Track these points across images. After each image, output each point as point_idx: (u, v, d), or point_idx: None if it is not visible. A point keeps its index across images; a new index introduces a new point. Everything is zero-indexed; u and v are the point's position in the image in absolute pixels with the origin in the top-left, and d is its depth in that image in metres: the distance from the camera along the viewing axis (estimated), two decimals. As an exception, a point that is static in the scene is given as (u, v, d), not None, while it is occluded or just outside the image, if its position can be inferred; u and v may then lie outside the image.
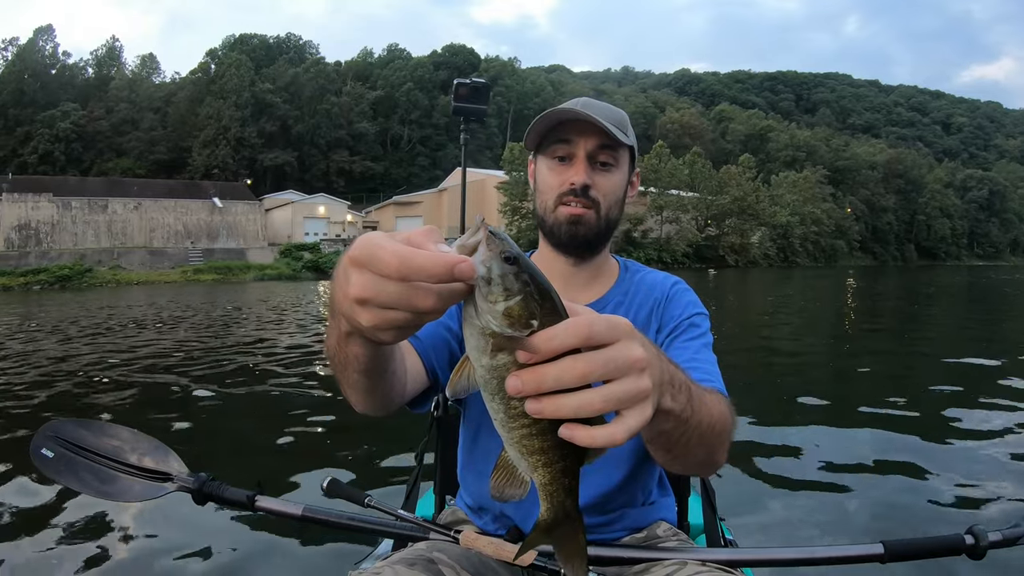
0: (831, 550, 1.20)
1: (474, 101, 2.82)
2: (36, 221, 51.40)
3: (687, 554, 1.21)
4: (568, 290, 1.46)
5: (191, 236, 56.95)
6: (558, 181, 1.42)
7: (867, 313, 18.30)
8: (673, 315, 1.44)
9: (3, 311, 22.59)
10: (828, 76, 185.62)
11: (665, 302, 1.47)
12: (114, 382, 8.31)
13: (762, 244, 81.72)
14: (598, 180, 1.41)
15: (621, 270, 1.57)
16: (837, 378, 9.01)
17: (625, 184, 1.48)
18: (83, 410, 6.87)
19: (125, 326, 16.38)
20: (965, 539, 1.18)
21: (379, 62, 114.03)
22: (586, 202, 1.41)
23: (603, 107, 1.41)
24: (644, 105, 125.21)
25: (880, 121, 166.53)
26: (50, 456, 1.42)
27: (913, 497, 4.19)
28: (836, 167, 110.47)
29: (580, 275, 1.50)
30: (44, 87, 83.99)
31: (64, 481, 1.42)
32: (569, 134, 1.40)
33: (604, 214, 1.44)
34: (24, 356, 10.98)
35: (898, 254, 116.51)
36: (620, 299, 1.49)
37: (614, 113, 1.42)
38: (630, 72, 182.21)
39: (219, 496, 1.40)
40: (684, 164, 76.90)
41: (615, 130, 1.37)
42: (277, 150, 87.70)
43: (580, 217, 1.41)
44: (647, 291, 1.49)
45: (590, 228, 1.43)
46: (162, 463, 1.44)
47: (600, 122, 1.34)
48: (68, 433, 1.45)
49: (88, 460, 1.43)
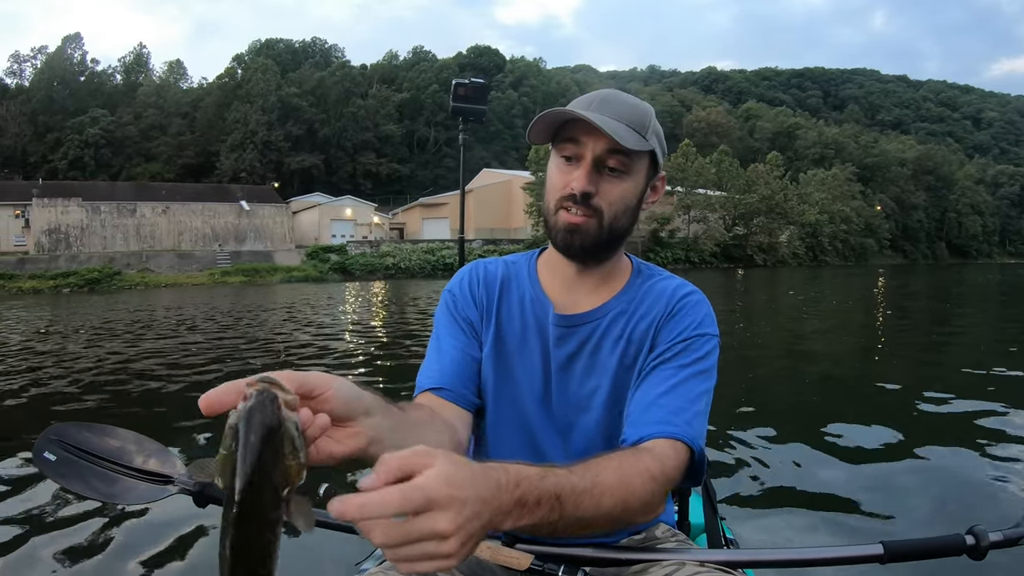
0: (830, 551, 1.19)
1: (473, 101, 2.87)
2: (66, 225, 51.96)
3: (686, 555, 1.20)
4: (572, 295, 1.39)
5: (219, 239, 57.27)
6: (561, 183, 1.30)
7: (897, 313, 17.81)
8: (671, 334, 1.32)
9: (32, 313, 22.68)
10: (856, 72, 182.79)
11: (666, 317, 1.34)
12: (122, 383, 8.25)
13: (791, 243, 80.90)
14: (604, 187, 1.28)
15: (633, 274, 1.44)
16: (853, 378, 8.75)
17: (639, 191, 1.33)
18: (89, 411, 6.82)
19: (149, 326, 16.41)
20: (966, 539, 1.16)
21: (404, 64, 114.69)
22: (586, 210, 1.28)
23: (624, 103, 1.29)
24: (670, 104, 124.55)
25: (909, 117, 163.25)
26: (53, 459, 1.41)
27: (913, 497, 4.15)
28: (865, 164, 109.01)
29: (586, 280, 1.39)
30: (73, 94, 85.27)
31: (67, 484, 1.42)
32: (578, 133, 1.26)
33: (607, 224, 1.30)
34: (41, 357, 10.93)
35: (928, 252, 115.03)
36: (623, 307, 1.37)
37: (634, 111, 1.28)
38: (656, 70, 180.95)
39: (221, 499, 1.33)
40: (711, 163, 76.27)
41: (628, 134, 1.24)
42: (304, 153, 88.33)
43: (578, 226, 1.29)
44: (653, 301, 1.37)
45: (588, 238, 1.30)
46: (164, 465, 1.43)
47: (603, 130, 1.19)
48: (70, 436, 1.44)
49: (90, 463, 1.42)
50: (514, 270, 1.46)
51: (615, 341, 1.34)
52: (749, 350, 10.82)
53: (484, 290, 1.43)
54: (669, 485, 1.12)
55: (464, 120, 2.89)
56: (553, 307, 1.37)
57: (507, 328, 1.39)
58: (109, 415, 6.67)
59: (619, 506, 1.01)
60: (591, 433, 1.33)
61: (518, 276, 1.45)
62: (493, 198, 69.49)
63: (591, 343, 1.35)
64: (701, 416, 1.23)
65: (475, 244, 57.22)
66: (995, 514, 3.75)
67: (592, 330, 1.35)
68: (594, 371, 1.34)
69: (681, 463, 1.15)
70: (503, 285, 1.43)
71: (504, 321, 1.40)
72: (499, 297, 1.42)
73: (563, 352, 1.35)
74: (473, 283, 1.44)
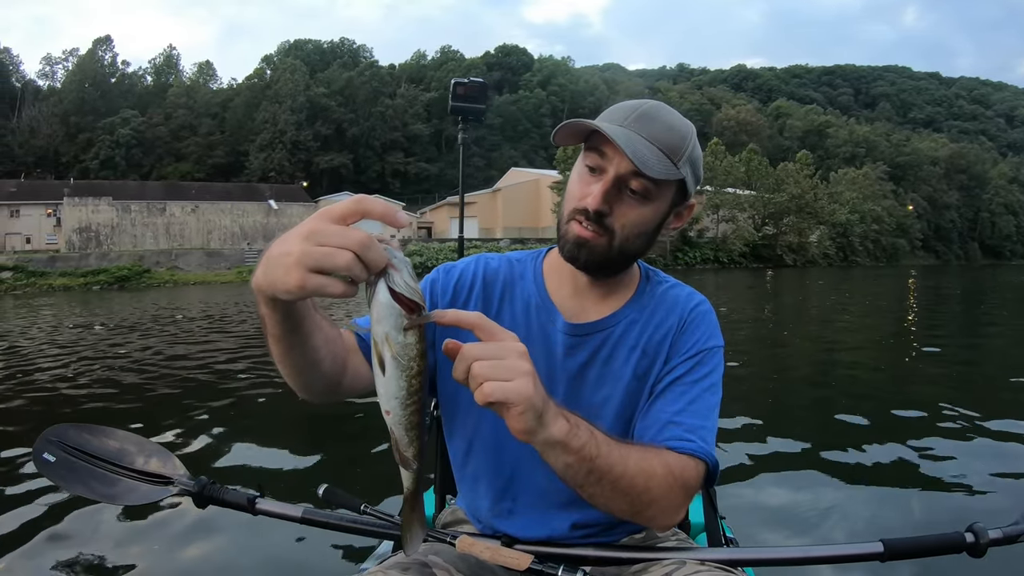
0: (831, 549, 1.21)
1: (472, 100, 2.83)
2: (96, 224, 52.52)
3: (686, 553, 1.21)
4: (579, 301, 1.34)
5: (247, 237, 57.51)
6: (580, 193, 1.23)
7: (929, 316, 17.31)
8: (684, 348, 1.29)
9: (61, 310, 22.71)
10: (887, 69, 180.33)
11: (680, 330, 1.31)
12: (128, 382, 8.21)
13: (821, 243, 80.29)
14: (621, 208, 1.20)
15: (642, 281, 1.39)
16: (861, 380, 8.59)
17: (660, 217, 1.25)
18: (92, 411, 6.78)
19: (174, 322, 16.23)
20: (965, 537, 1.17)
21: (432, 64, 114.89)
22: (598, 228, 1.21)
23: (662, 123, 1.19)
24: (700, 102, 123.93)
25: (941, 115, 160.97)
26: (52, 460, 1.42)
27: (913, 495, 4.13)
28: (897, 163, 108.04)
29: (595, 288, 1.34)
30: (104, 95, 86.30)
31: (66, 485, 1.43)
32: (605, 146, 1.18)
33: (618, 245, 1.22)
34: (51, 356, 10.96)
35: (961, 253, 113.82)
36: (635, 316, 1.33)
37: (671, 135, 1.19)
38: (685, 69, 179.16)
39: (220, 499, 1.41)
40: (740, 161, 75.74)
41: (658, 160, 1.15)
42: (333, 152, 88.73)
43: (587, 241, 1.22)
44: (667, 311, 1.33)
45: (594, 255, 1.23)
46: (163, 466, 1.45)
47: (628, 155, 1.12)
48: (70, 437, 1.45)
49: (89, 464, 1.44)
50: (519, 270, 1.40)
51: (629, 350, 1.30)
52: (766, 350, 10.94)
53: (481, 290, 1.36)
54: (687, 492, 1.14)
55: (463, 119, 2.90)
56: (562, 316, 1.32)
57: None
58: (116, 414, 6.61)
59: (640, 482, 1.06)
60: None
61: (523, 278, 1.38)
62: (521, 197, 69.35)
63: (604, 352, 1.31)
64: (714, 430, 1.23)
65: (503, 243, 57.00)
66: (994, 512, 3.70)
67: (604, 339, 1.31)
68: (607, 380, 1.30)
69: (699, 477, 1.15)
70: (505, 286, 1.37)
71: (505, 326, 1.20)
72: (500, 300, 1.36)
73: (575, 361, 1.30)
74: (464, 280, 1.38)
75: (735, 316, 16.70)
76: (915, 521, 3.70)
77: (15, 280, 41.80)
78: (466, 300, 1.35)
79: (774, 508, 3.99)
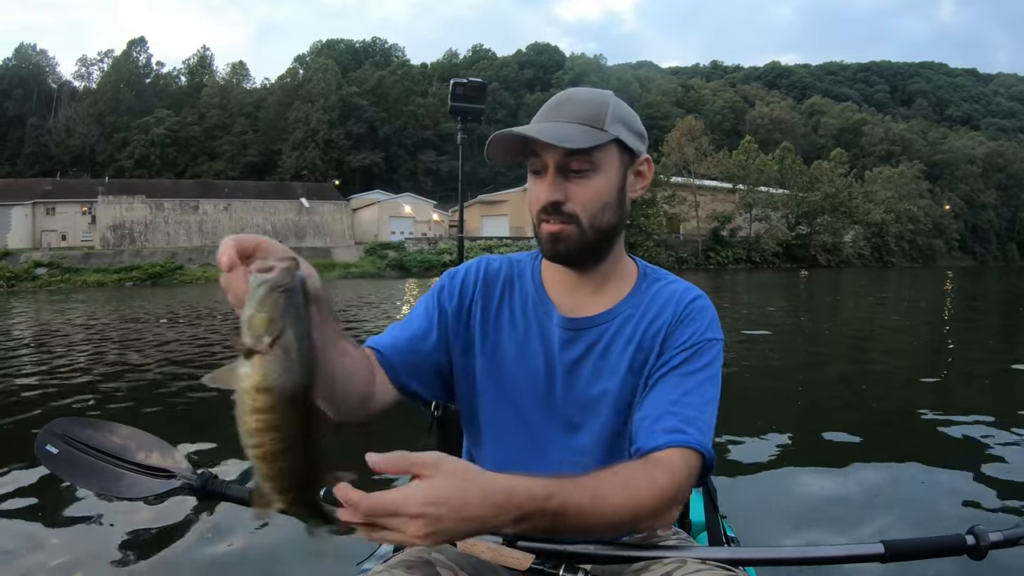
0: (831, 550, 1.19)
1: (471, 101, 2.87)
2: (130, 221, 53.24)
3: (688, 552, 1.20)
4: (575, 297, 1.38)
5: (279, 235, 57.67)
6: (535, 197, 1.29)
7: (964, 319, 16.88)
8: (680, 340, 1.30)
9: (95, 306, 22.80)
10: (924, 65, 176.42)
11: (675, 323, 1.32)
12: (136, 378, 8.26)
13: (855, 243, 79.37)
14: (572, 191, 1.26)
15: (640, 278, 1.41)
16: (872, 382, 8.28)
17: (616, 183, 1.29)
18: (97, 405, 6.83)
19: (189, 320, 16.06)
20: (966, 539, 1.17)
21: (464, 63, 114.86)
22: (562, 218, 1.26)
23: (577, 102, 1.27)
24: (733, 100, 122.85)
25: (979, 112, 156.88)
26: (55, 453, 1.44)
27: (915, 496, 4.15)
28: (933, 162, 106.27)
29: (586, 283, 1.37)
30: (139, 95, 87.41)
31: (69, 478, 1.44)
32: (536, 146, 1.25)
33: (587, 225, 1.27)
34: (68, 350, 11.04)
35: (999, 253, 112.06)
36: (631, 311, 1.35)
37: (588, 106, 1.26)
38: (719, 66, 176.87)
39: (222, 494, 1.41)
40: (774, 160, 74.89)
41: (581, 133, 1.22)
42: (365, 151, 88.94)
43: (558, 234, 1.27)
44: (662, 306, 1.35)
45: (572, 243, 1.28)
46: (165, 460, 1.45)
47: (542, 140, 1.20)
48: (73, 431, 1.46)
49: (92, 457, 1.44)
50: (518, 270, 1.45)
51: (625, 344, 1.32)
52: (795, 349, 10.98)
53: (483, 289, 1.42)
54: (682, 494, 1.14)
55: (463, 120, 2.92)
56: (557, 310, 1.37)
57: (508, 330, 1.39)
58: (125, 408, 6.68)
59: (627, 518, 1.06)
60: (596, 433, 1.32)
61: (521, 276, 1.44)
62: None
63: (599, 346, 1.33)
64: (711, 422, 1.24)
65: (534, 242, 56.90)
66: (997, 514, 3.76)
67: (600, 333, 1.34)
68: (602, 374, 1.32)
69: (693, 471, 1.16)
70: (505, 285, 1.43)
71: (505, 322, 1.39)
72: (500, 298, 1.41)
73: (569, 355, 1.34)
74: (468, 281, 1.43)
75: (766, 318, 16.54)
76: (916, 522, 3.69)
77: (50, 276, 42.44)
78: (471, 300, 1.40)
79: (775, 508, 4.02)
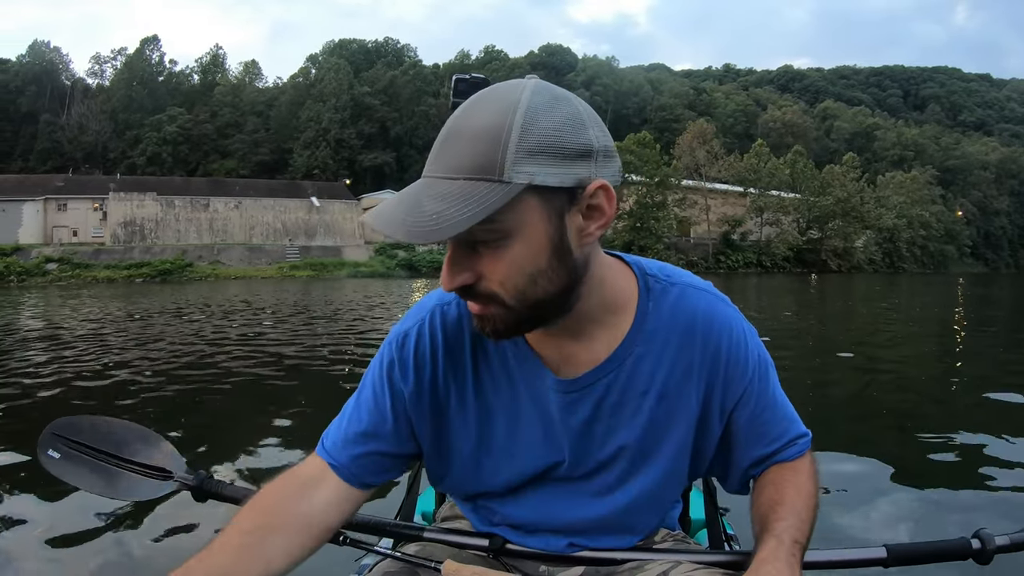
0: (833, 553, 1.16)
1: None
2: (141, 218, 53.33)
3: (683, 556, 1.15)
4: (566, 350, 1.07)
5: (289, 234, 57.84)
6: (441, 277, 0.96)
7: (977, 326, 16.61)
8: (743, 379, 1.09)
9: (104, 302, 22.73)
10: (937, 70, 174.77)
11: (727, 366, 1.08)
12: (137, 376, 8.05)
13: (867, 248, 79.08)
14: (484, 266, 0.90)
15: (641, 295, 1.08)
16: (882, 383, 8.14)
17: (543, 242, 0.89)
18: (98, 402, 6.68)
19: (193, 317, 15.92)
20: (971, 543, 1.13)
21: (476, 63, 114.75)
22: (479, 299, 0.93)
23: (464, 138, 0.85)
24: (745, 103, 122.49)
25: (992, 117, 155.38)
26: (56, 456, 1.43)
27: (919, 500, 4.03)
28: (946, 167, 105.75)
29: (571, 328, 1.04)
30: (152, 93, 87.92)
31: (69, 479, 1.43)
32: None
33: (515, 303, 0.92)
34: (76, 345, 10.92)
35: (1011, 260, 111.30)
36: (642, 350, 1.07)
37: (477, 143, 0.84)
38: (731, 69, 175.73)
39: (219, 494, 1.38)
40: (785, 164, 74.58)
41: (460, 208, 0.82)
42: (376, 151, 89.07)
43: (483, 316, 0.95)
44: (683, 338, 1.07)
45: (501, 324, 0.95)
46: (163, 460, 1.44)
47: (387, 234, 0.85)
48: (72, 431, 1.46)
49: (92, 458, 1.44)
50: None
51: (641, 396, 1.07)
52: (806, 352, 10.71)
53: (445, 353, 1.09)
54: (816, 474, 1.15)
55: None
56: (551, 371, 1.06)
57: (492, 397, 1.10)
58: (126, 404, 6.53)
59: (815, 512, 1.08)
60: (613, 484, 1.12)
61: None
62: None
63: (610, 400, 1.07)
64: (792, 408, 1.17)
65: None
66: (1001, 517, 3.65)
67: (608, 385, 1.06)
68: (617, 432, 1.09)
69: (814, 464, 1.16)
70: (475, 340, 1.10)
71: (487, 389, 1.10)
72: (474, 359, 1.10)
73: (577, 419, 1.08)
74: (423, 350, 1.10)
75: (778, 323, 16.29)
76: (920, 526, 3.59)
77: (60, 271, 42.56)
78: (431, 372, 1.10)
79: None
